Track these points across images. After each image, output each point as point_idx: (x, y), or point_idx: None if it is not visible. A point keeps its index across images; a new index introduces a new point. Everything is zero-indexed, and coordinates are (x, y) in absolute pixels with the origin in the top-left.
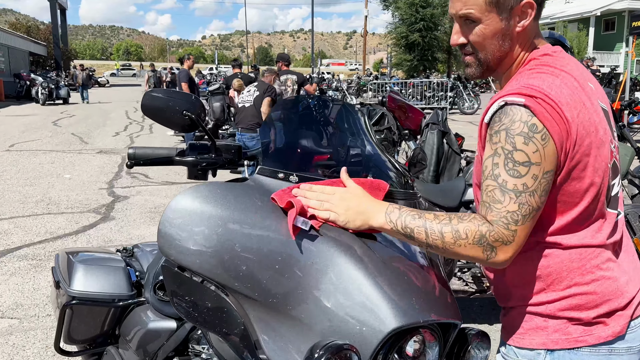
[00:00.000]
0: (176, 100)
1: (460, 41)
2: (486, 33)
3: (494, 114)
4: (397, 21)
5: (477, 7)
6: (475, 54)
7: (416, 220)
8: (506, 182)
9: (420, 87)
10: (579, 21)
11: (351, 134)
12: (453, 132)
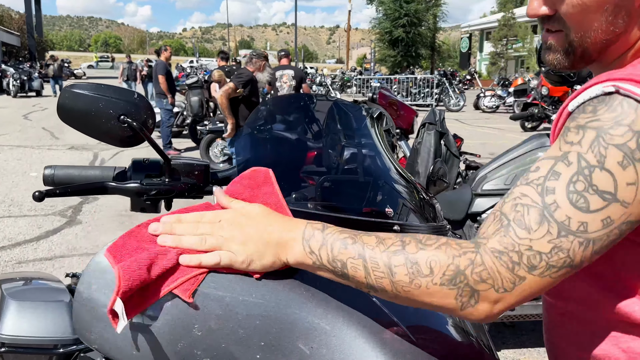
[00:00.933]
0: (110, 101)
1: (542, 11)
2: (587, 3)
3: (586, 101)
4: (381, 16)
5: None
6: (565, 32)
7: (349, 248)
8: (558, 207)
9: (406, 84)
10: None
11: (358, 145)
12: (451, 133)
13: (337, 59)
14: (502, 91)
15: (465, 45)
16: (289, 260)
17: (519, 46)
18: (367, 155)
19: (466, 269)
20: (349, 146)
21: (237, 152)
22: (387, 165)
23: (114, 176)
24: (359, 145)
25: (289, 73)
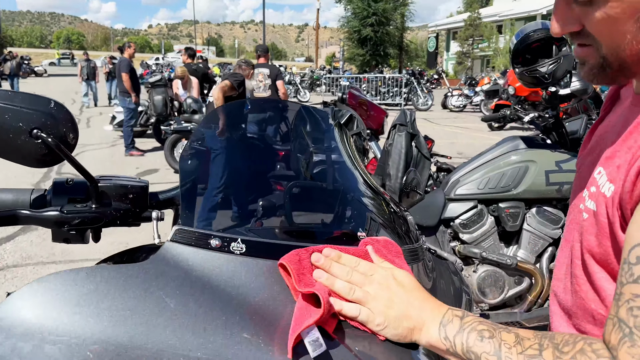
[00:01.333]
0: (19, 111)
1: (568, 29)
2: (614, 15)
3: None
4: (349, 15)
5: None
6: (595, 47)
7: (485, 343)
8: None
9: (375, 83)
10: (526, 19)
11: (326, 155)
12: (422, 134)
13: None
14: (469, 90)
15: (432, 45)
16: (421, 340)
17: (485, 46)
18: (335, 168)
19: None
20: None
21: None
22: (357, 178)
23: (30, 202)
24: (327, 156)
25: (264, 72)
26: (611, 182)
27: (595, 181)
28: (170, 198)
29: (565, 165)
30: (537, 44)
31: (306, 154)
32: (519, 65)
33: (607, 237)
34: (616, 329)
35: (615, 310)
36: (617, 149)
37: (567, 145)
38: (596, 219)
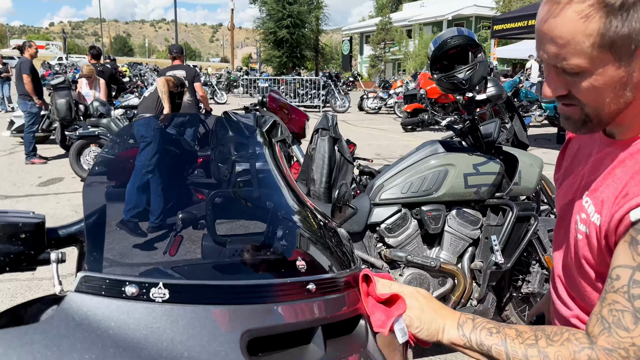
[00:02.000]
0: None
1: (558, 93)
2: (597, 86)
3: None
4: (264, 16)
5: (582, 56)
6: (580, 107)
7: (493, 337)
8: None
9: (293, 85)
10: (434, 24)
11: (253, 175)
12: (344, 139)
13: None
14: (384, 93)
15: (346, 48)
16: (444, 339)
17: (396, 49)
18: (267, 189)
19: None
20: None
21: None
22: (288, 199)
23: None
24: (257, 174)
25: (181, 74)
26: (598, 214)
27: (584, 209)
28: (73, 234)
29: (482, 168)
30: (453, 51)
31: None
32: (437, 71)
33: (592, 252)
34: (598, 323)
35: (599, 309)
36: (599, 184)
37: (482, 148)
38: (588, 240)
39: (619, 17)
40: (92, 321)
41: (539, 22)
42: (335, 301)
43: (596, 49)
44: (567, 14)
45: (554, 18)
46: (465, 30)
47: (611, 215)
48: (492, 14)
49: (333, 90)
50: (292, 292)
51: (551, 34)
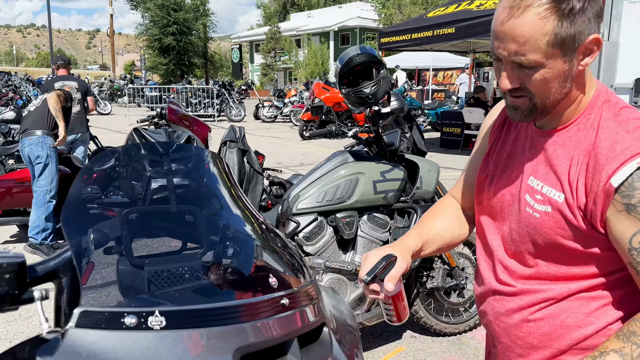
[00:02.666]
0: None
1: (512, 85)
2: (548, 77)
3: (628, 178)
4: (148, 22)
5: (539, 52)
6: (529, 97)
7: None
8: None
9: (185, 94)
10: (321, 35)
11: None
12: (253, 150)
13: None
14: (279, 102)
15: (236, 56)
16: None
17: (286, 58)
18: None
19: None
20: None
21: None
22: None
23: None
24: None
25: (73, 84)
26: (560, 192)
27: (537, 191)
28: (51, 270)
29: (388, 175)
30: (359, 67)
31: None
32: (345, 86)
33: (562, 226)
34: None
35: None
36: (547, 168)
37: (386, 157)
38: (552, 216)
39: (568, 20)
40: (98, 354)
41: (499, 24)
42: (306, 312)
43: (550, 46)
44: (527, 16)
45: (515, 19)
46: (368, 48)
47: (586, 188)
48: (374, 26)
49: (227, 99)
50: (271, 308)
51: (512, 33)
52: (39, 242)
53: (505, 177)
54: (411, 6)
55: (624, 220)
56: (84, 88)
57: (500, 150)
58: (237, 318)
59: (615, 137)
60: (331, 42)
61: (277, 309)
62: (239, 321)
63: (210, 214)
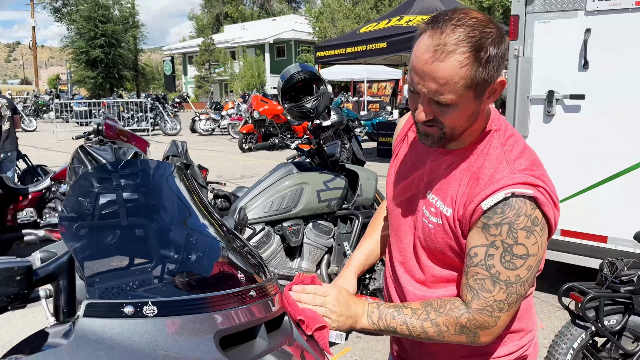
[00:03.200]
0: None
1: (427, 118)
2: (459, 113)
3: (494, 206)
4: (74, 35)
5: (455, 93)
6: (440, 127)
7: (396, 319)
8: (499, 273)
9: (117, 108)
10: (256, 47)
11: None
12: (196, 164)
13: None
14: (216, 114)
15: (168, 68)
16: (357, 327)
17: (221, 70)
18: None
19: (467, 324)
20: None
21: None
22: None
23: None
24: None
25: (3, 102)
26: (449, 207)
27: (432, 204)
28: (51, 273)
29: (331, 184)
30: (300, 84)
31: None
32: (287, 101)
33: (450, 237)
34: (468, 292)
35: (466, 281)
36: (443, 184)
37: (328, 167)
38: (442, 228)
39: (484, 66)
40: (104, 338)
41: (422, 63)
42: (270, 303)
43: (465, 89)
44: (449, 61)
45: (439, 62)
46: (308, 66)
47: (464, 206)
48: (309, 39)
49: (162, 113)
50: (242, 299)
51: (434, 74)
52: None
53: (409, 187)
54: (344, 20)
55: (476, 234)
56: (12, 105)
57: (404, 161)
58: (216, 307)
59: (497, 166)
60: (267, 54)
61: (247, 300)
62: (218, 309)
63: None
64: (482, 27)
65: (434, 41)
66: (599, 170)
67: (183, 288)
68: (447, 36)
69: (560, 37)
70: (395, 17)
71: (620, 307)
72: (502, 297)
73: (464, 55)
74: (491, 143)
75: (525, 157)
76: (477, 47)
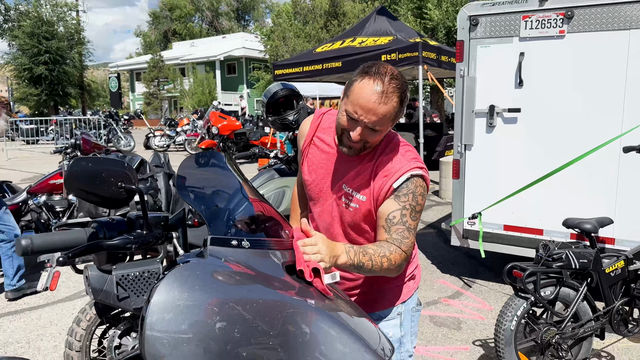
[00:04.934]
0: (111, 169)
1: (361, 138)
2: (381, 135)
3: (402, 184)
4: (15, 52)
5: (385, 124)
6: (364, 143)
7: (364, 256)
8: (411, 225)
9: (68, 125)
10: (206, 64)
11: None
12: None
13: None
14: (171, 131)
15: (114, 85)
16: (339, 262)
17: (171, 87)
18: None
19: (402, 256)
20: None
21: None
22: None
23: (89, 235)
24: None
25: None
26: (363, 195)
27: (348, 194)
28: (174, 223)
29: None
30: (282, 99)
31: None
32: (271, 115)
33: (365, 215)
34: (394, 241)
35: (390, 235)
36: (354, 179)
37: None
38: (361, 212)
39: (402, 107)
40: (221, 256)
41: (368, 101)
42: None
43: (390, 121)
44: (390, 103)
45: (383, 104)
46: (288, 84)
47: (379, 190)
48: (260, 56)
49: (115, 130)
50: (288, 244)
51: (377, 111)
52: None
53: (327, 181)
54: (295, 39)
55: (391, 203)
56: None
57: (316, 162)
58: (280, 247)
59: (396, 159)
60: (218, 71)
61: (289, 245)
62: (281, 249)
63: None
64: (402, 80)
65: (380, 88)
66: (533, 172)
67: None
68: (388, 86)
69: (499, 59)
70: (348, 38)
71: (553, 280)
72: (413, 240)
73: (396, 100)
74: (387, 146)
75: (411, 152)
76: (403, 94)
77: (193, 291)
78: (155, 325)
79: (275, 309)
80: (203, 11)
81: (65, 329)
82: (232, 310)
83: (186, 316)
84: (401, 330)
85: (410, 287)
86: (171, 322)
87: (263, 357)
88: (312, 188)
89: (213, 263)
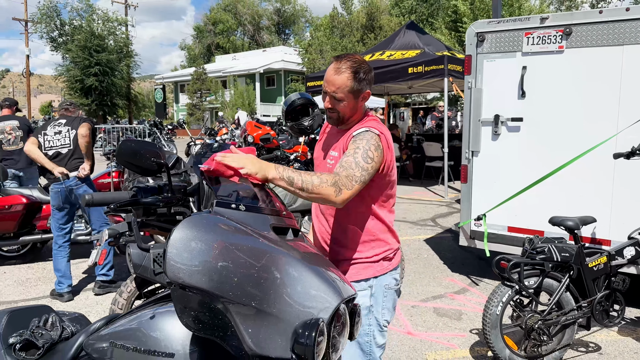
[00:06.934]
0: (147, 149)
1: (329, 106)
2: (345, 105)
3: (360, 132)
4: (68, 64)
5: (343, 93)
6: (337, 113)
7: (295, 174)
8: (359, 162)
9: (116, 133)
10: (246, 76)
11: None
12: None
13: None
14: (211, 140)
15: (159, 96)
16: (269, 176)
17: (213, 98)
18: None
19: (337, 181)
20: None
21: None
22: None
23: (130, 197)
24: None
25: (13, 124)
26: (336, 151)
27: (331, 156)
28: (192, 192)
29: None
30: (299, 107)
31: None
32: (290, 120)
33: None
34: (339, 168)
35: (339, 171)
36: (338, 145)
37: None
38: (334, 166)
39: (357, 82)
40: (224, 214)
41: (329, 75)
42: (295, 219)
43: (348, 92)
44: (343, 75)
45: (337, 75)
46: (306, 94)
47: (345, 143)
48: (298, 69)
49: (159, 138)
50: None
51: (334, 82)
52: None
53: (325, 152)
54: (332, 52)
55: (348, 145)
56: (26, 126)
57: (324, 141)
58: (272, 214)
59: (360, 126)
60: (257, 83)
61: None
62: (273, 215)
63: None
64: (359, 63)
65: (337, 65)
66: (535, 177)
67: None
68: (343, 64)
69: (503, 72)
70: (378, 51)
71: (536, 272)
72: (357, 174)
73: (348, 73)
74: (362, 123)
75: (375, 122)
76: (355, 71)
77: (201, 233)
78: (174, 256)
79: (260, 252)
80: (245, 25)
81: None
82: (228, 248)
83: (196, 250)
84: (370, 301)
85: (384, 266)
86: (184, 255)
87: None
88: (316, 162)
89: (217, 218)
